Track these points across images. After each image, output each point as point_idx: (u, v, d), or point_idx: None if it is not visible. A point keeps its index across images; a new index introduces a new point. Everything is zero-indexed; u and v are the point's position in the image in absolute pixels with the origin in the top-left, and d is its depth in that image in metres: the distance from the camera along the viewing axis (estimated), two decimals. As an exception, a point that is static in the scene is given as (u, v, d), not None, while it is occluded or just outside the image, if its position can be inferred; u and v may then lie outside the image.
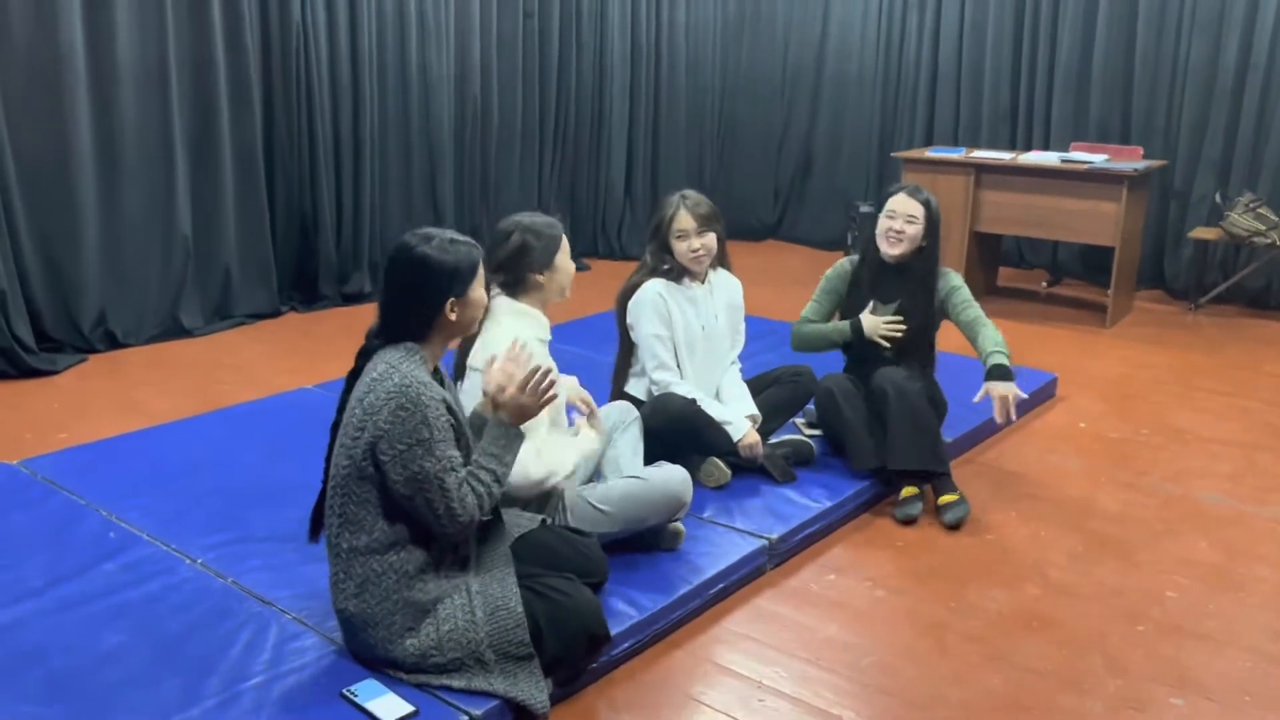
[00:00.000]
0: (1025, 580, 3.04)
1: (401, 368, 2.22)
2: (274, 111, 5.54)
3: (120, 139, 4.90)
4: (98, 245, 4.92)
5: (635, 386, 3.53)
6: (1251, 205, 5.76)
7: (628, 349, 3.52)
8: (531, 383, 2.37)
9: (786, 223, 8.08)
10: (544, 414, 2.78)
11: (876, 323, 3.54)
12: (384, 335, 2.32)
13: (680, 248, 3.41)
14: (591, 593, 2.46)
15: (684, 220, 3.41)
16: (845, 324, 3.59)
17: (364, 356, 2.34)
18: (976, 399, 3.37)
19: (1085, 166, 5.58)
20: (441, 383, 2.39)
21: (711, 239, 3.45)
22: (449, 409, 2.26)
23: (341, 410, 2.35)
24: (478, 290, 2.37)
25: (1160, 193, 6.41)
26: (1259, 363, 5.18)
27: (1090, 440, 4.12)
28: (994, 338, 3.46)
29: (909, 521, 3.31)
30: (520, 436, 2.38)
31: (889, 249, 3.55)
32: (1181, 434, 4.20)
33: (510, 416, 2.37)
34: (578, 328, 5.04)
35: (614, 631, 2.55)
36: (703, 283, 3.51)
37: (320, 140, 5.65)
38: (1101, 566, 3.13)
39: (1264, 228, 5.72)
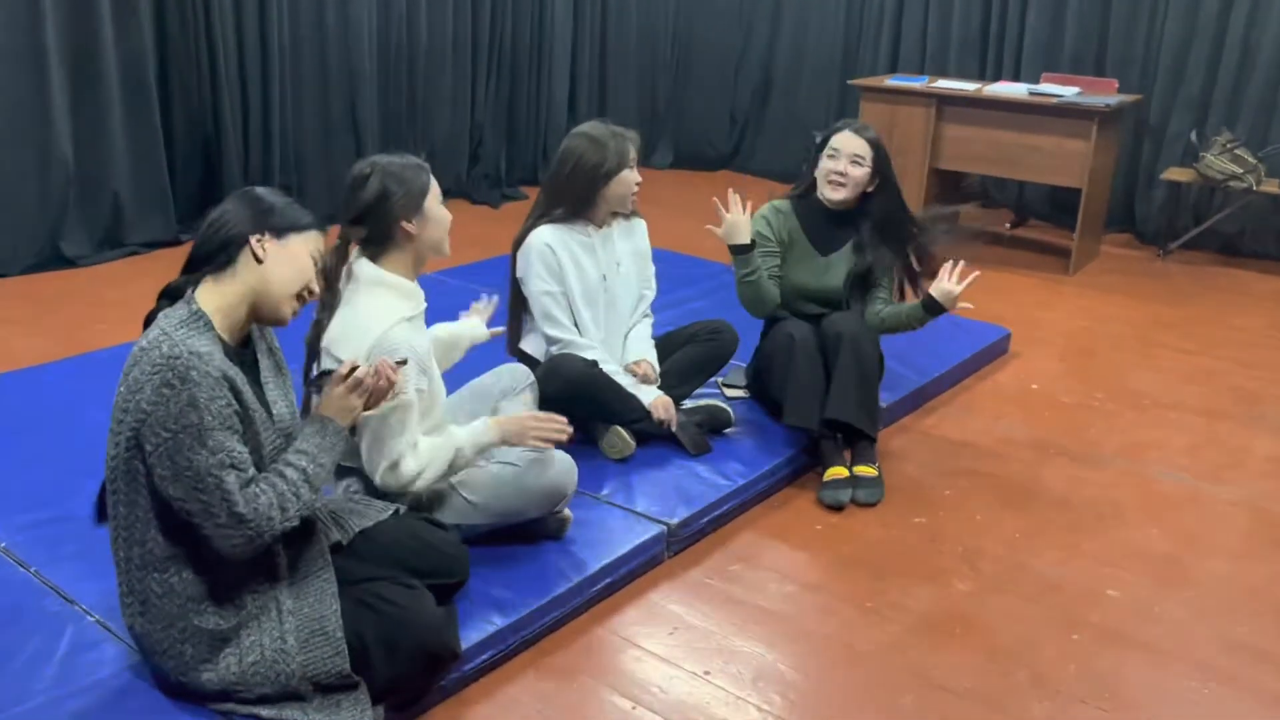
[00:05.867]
0: (954, 574, 2.71)
1: (175, 334, 1.81)
2: (166, 17, 4.99)
3: (-18, 46, 4.39)
4: (-39, 165, 4.43)
5: (532, 343, 3.14)
6: (1229, 146, 5.37)
7: (520, 301, 3.13)
8: (361, 385, 2.00)
9: (743, 152, 7.61)
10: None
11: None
12: (186, 268, 1.95)
13: (630, 180, 3.03)
14: (433, 603, 2.09)
15: (634, 150, 3.04)
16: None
17: (165, 298, 1.94)
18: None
19: (1054, 100, 5.15)
20: (253, 360, 1.99)
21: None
22: (233, 390, 1.84)
23: None
24: (298, 245, 1.95)
25: (1134, 129, 6.00)
26: (1227, 315, 4.84)
27: (1041, 405, 3.78)
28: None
29: (837, 508, 2.97)
30: (343, 436, 1.98)
31: (830, 193, 3.18)
32: (1139, 399, 3.87)
33: (332, 412, 1.98)
34: (500, 266, 4.62)
35: (474, 639, 2.22)
36: (599, 226, 3.10)
37: (222, 50, 5.12)
38: (1040, 558, 2.80)
39: (1240, 170, 5.33)
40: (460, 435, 2.39)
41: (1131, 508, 3.09)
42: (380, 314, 2.29)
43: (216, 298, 1.90)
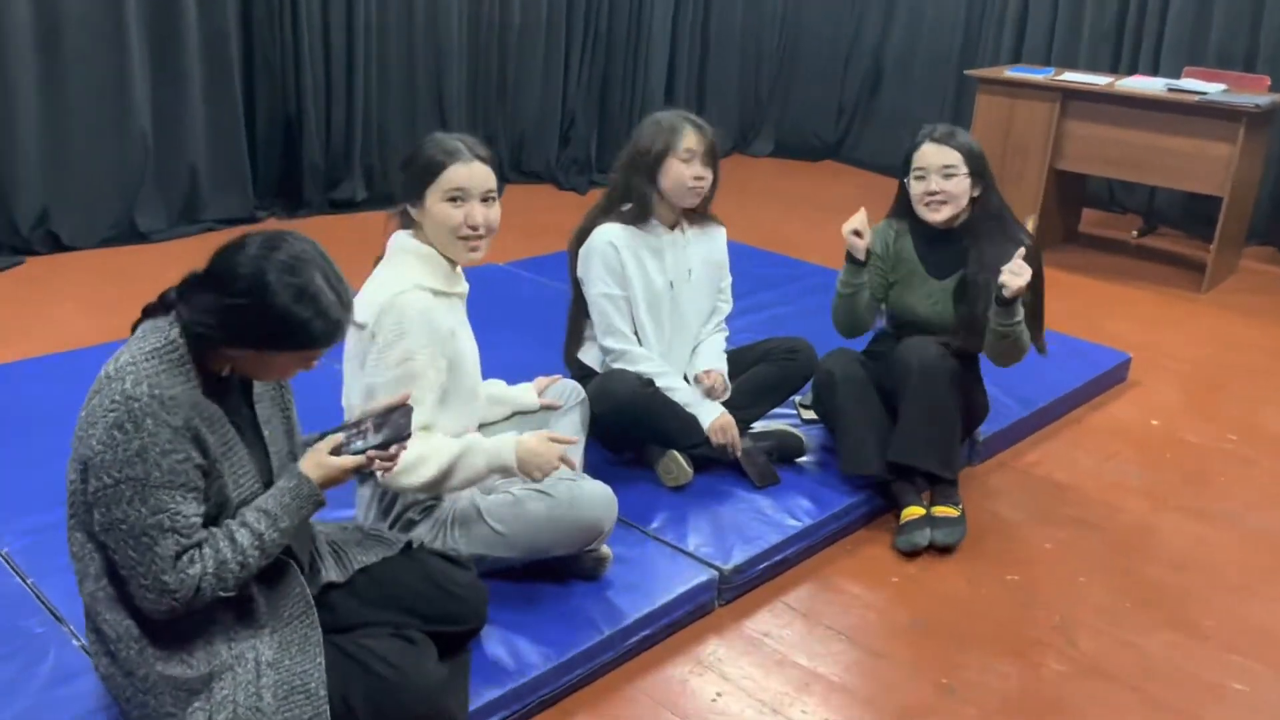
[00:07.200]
0: (1048, 648, 2.35)
1: (143, 367, 1.58)
2: (251, -11, 4.89)
3: (61, 12, 4.29)
4: (38, 136, 4.36)
5: (590, 353, 2.88)
6: (1398, 155, 4.78)
7: (581, 305, 2.86)
8: (355, 457, 1.74)
9: (848, 143, 7.21)
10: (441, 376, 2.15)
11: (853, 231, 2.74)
12: (180, 302, 1.67)
13: (684, 172, 2.70)
14: (434, 660, 1.84)
15: (692, 139, 2.70)
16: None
17: (162, 308, 1.70)
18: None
19: (1196, 98, 4.64)
20: (244, 392, 1.76)
21: (709, 176, 2.76)
22: (198, 440, 1.59)
23: None
24: (287, 364, 1.68)
25: (1285, 132, 5.42)
26: (1386, 349, 4.30)
27: (1162, 444, 3.35)
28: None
29: (913, 552, 2.64)
30: (314, 501, 1.71)
31: (932, 216, 2.76)
32: (1279, 444, 3.40)
33: (313, 472, 1.72)
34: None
35: (484, 698, 1.97)
36: (671, 228, 2.81)
37: (306, 26, 4.99)
38: (1152, 636, 2.42)
39: None
40: (479, 443, 2.14)
41: (1265, 580, 2.67)
42: (396, 278, 2.11)
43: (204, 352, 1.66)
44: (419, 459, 2.05)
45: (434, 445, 2.09)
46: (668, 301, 2.81)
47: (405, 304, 2.09)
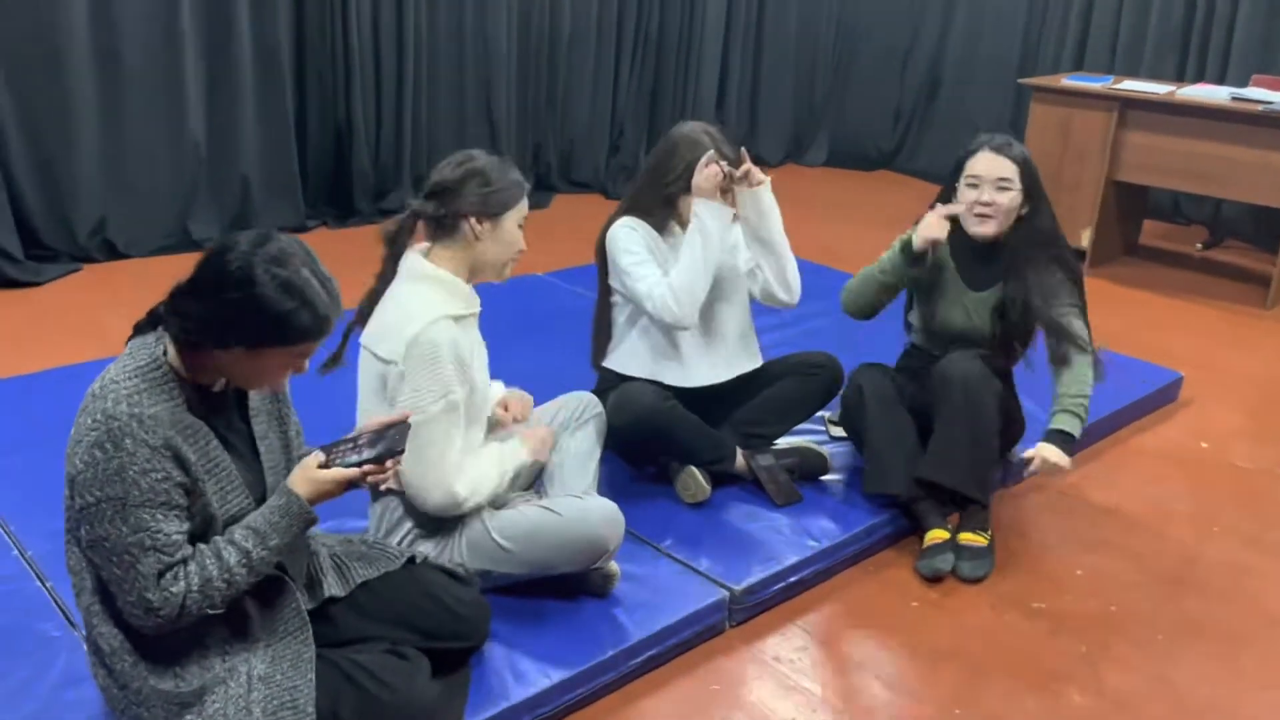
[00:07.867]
0: (1072, 681, 2.27)
1: (124, 385, 1.59)
2: (303, 2, 4.95)
3: (119, 28, 4.40)
4: (96, 146, 4.48)
5: (616, 360, 2.85)
6: None
7: (606, 312, 2.84)
8: (346, 470, 1.72)
9: (905, 152, 7.10)
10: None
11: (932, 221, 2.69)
12: (168, 313, 1.68)
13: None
14: (428, 677, 1.84)
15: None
16: (894, 247, 2.76)
17: (147, 324, 1.72)
18: (1025, 455, 2.60)
19: (1260, 107, 4.47)
20: (238, 406, 1.76)
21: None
22: (179, 459, 1.59)
23: None
24: (278, 363, 1.67)
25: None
26: None
27: (1211, 469, 3.22)
28: (1077, 381, 2.62)
29: (936, 578, 2.56)
30: (304, 519, 1.70)
31: (979, 228, 2.70)
32: (1338, 470, 3.26)
33: (303, 488, 1.70)
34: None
35: (482, 715, 1.95)
36: (684, 228, 2.79)
37: (356, 36, 5.05)
38: (1185, 670, 2.32)
39: None
40: (503, 450, 2.25)
41: (1312, 612, 2.55)
42: (421, 308, 2.11)
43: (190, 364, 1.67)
44: (482, 478, 2.15)
45: (483, 467, 2.18)
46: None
47: (436, 338, 2.08)
